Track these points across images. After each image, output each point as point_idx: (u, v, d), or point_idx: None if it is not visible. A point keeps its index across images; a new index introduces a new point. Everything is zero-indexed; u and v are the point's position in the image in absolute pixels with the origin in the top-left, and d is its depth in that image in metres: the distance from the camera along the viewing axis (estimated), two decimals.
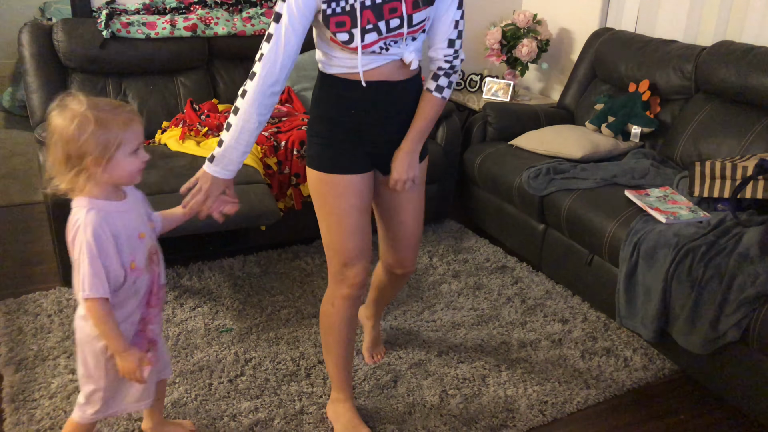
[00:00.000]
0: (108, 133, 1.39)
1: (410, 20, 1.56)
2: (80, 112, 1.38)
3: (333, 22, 1.53)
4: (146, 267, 1.53)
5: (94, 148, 1.39)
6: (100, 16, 2.99)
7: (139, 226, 1.52)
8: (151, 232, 1.57)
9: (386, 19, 1.53)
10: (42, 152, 2.57)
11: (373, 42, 1.55)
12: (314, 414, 2.02)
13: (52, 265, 2.79)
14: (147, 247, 1.54)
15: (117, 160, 1.42)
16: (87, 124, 1.38)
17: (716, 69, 2.82)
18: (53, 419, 1.95)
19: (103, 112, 1.40)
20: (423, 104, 1.71)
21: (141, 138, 1.46)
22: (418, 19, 1.57)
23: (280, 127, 2.93)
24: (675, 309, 2.11)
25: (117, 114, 1.41)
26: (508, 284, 2.82)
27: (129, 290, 1.51)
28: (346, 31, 1.53)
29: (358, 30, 1.53)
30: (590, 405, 2.13)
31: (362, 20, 1.52)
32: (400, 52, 1.61)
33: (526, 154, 3.05)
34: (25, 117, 4.60)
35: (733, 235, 2.15)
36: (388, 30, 1.55)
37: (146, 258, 1.53)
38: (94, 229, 1.41)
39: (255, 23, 3.30)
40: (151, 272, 1.56)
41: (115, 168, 1.43)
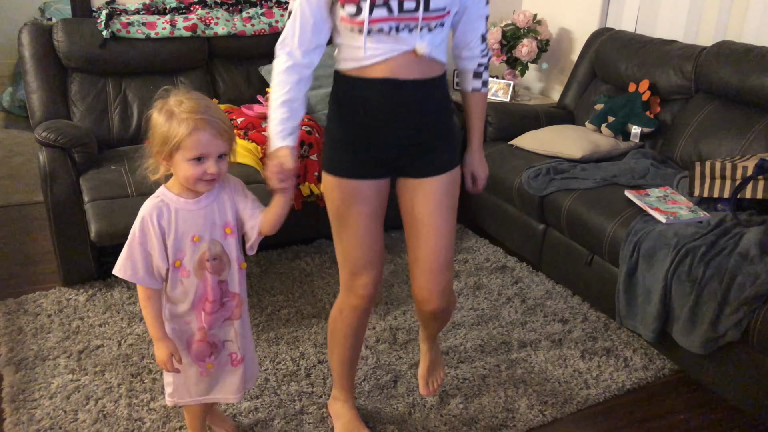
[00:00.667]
0: (169, 131, 1.40)
1: (427, 5, 1.45)
2: (167, 103, 1.43)
3: None
4: (195, 271, 1.52)
5: (157, 140, 1.42)
6: (100, 16, 2.99)
7: (199, 229, 1.51)
8: (215, 240, 1.53)
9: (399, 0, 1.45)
10: (42, 152, 2.57)
11: (382, 19, 1.45)
12: (314, 414, 2.02)
13: (52, 265, 2.79)
14: (200, 251, 1.51)
15: (177, 161, 1.43)
16: (161, 116, 1.42)
17: (716, 69, 2.82)
18: (53, 419, 1.95)
19: (180, 110, 1.41)
20: (476, 102, 1.75)
21: (209, 149, 1.42)
22: (436, 5, 1.47)
23: None
24: (675, 309, 2.11)
25: (188, 116, 1.40)
26: (508, 284, 2.82)
27: (175, 287, 1.53)
28: (355, 4, 1.45)
29: (366, 3, 1.43)
30: (590, 405, 2.13)
31: None
32: (412, 41, 1.50)
33: (526, 154, 3.05)
34: (25, 117, 4.60)
35: (733, 235, 2.15)
36: (400, 10, 1.45)
37: (197, 262, 1.51)
38: (143, 216, 1.47)
39: (255, 23, 3.30)
40: (202, 278, 1.53)
41: (177, 169, 1.45)
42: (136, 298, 2.59)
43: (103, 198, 2.48)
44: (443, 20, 1.51)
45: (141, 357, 2.24)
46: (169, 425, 1.94)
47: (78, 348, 2.28)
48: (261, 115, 3.01)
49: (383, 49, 1.50)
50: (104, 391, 2.07)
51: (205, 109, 1.42)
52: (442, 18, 1.50)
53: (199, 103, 1.43)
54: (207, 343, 1.59)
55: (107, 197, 2.48)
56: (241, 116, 3.00)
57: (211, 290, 1.55)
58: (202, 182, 1.46)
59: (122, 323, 2.43)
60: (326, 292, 2.69)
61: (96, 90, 3.01)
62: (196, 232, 1.50)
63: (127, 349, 2.29)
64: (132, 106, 3.05)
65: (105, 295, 2.60)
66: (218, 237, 1.54)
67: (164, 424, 1.94)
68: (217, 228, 1.53)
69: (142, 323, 2.43)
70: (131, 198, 2.51)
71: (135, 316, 2.48)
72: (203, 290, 1.54)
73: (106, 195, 2.49)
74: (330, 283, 2.76)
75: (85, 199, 2.50)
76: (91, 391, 2.07)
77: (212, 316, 1.57)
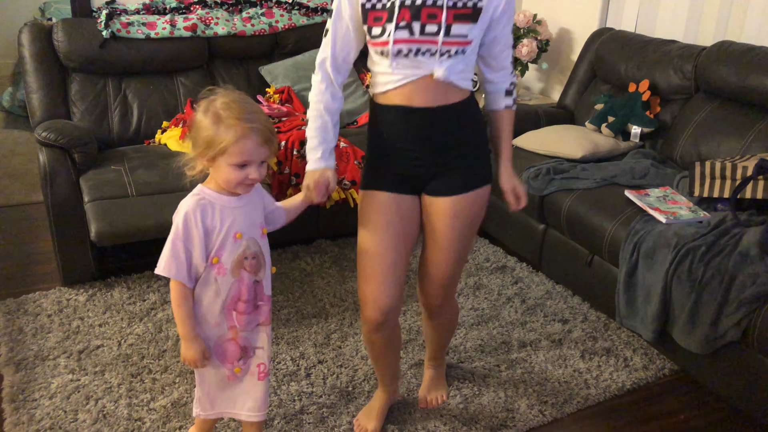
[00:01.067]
0: (215, 136, 1.40)
1: (448, 30, 1.51)
2: (214, 104, 1.43)
3: (371, 17, 1.55)
4: (233, 269, 1.51)
5: (202, 142, 1.42)
6: (100, 16, 3.00)
7: (240, 226, 1.51)
8: (254, 239, 1.54)
9: (422, 22, 1.50)
10: (42, 152, 2.57)
11: (403, 40, 1.51)
12: (314, 414, 2.02)
13: (52, 265, 2.79)
14: (241, 249, 1.51)
15: (219, 164, 1.43)
16: (206, 119, 1.42)
17: (716, 69, 2.82)
18: (53, 419, 1.95)
19: (227, 114, 1.41)
20: (507, 119, 1.79)
21: (253, 157, 1.43)
22: (456, 31, 1.52)
23: (280, 127, 2.93)
24: (675, 309, 2.11)
25: (236, 123, 1.40)
26: (508, 284, 2.82)
27: (208, 285, 1.51)
28: (381, 25, 1.53)
29: (392, 24, 1.51)
30: (590, 405, 2.13)
31: (398, 17, 1.51)
32: (431, 66, 1.54)
33: (526, 154, 3.05)
34: (25, 117, 4.60)
35: (733, 235, 2.15)
36: (421, 33, 1.51)
37: (235, 260, 1.51)
38: (186, 213, 1.46)
39: (255, 23, 3.30)
40: (239, 277, 1.52)
41: (217, 170, 1.45)
42: (136, 298, 2.59)
43: (103, 198, 2.48)
44: (465, 48, 1.54)
45: (141, 357, 2.24)
46: (169, 425, 1.94)
47: (78, 348, 2.28)
48: None
49: (402, 74, 1.56)
50: (104, 391, 2.07)
51: (251, 115, 1.43)
52: (464, 45, 1.54)
53: (245, 107, 1.43)
54: (238, 345, 1.57)
55: (107, 197, 2.49)
56: None
57: (246, 290, 1.54)
58: (242, 186, 1.47)
59: (122, 323, 2.43)
60: (326, 292, 2.69)
61: (96, 90, 3.01)
62: (238, 229, 1.50)
63: (127, 349, 2.29)
64: (132, 106, 3.05)
65: (105, 295, 2.60)
66: (256, 236, 1.55)
67: (164, 424, 1.94)
68: (255, 227, 1.55)
69: (142, 323, 2.43)
70: (131, 198, 2.51)
71: (135, 316, 2.48)
72: (237, 290, 1.53)
73: (106, 195, 2.49)
74: (330, 283, 2.76)
75: (85, 199, 2.50)
76: (91, 391, 2.07)
77: (245, 317, 1.56)
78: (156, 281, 2.71)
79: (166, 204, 2.51)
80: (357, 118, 3.38)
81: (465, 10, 1.52)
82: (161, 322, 2.44)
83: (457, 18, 1.51)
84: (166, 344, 2.31)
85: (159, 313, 2.49)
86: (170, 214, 2.50)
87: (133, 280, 2.72)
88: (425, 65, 1.54)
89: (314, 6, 3.46)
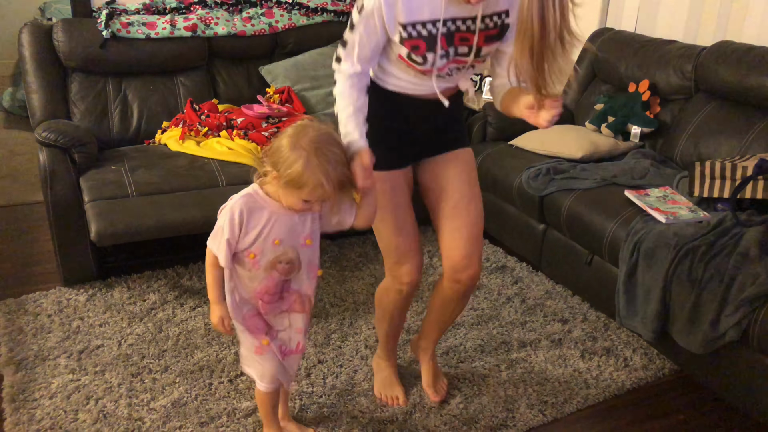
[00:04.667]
0: (297, 175, 1.45)
1: (478, 51, 1.63)
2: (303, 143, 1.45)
3: (408, 45, 1.59)
4: (266, 268, 1.59)
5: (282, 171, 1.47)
6: (100, 16, 3.00)
7: (281, 234, 1.57)
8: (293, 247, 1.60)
9: (456, 45, 1.60)
10: (42, 152, 2.57)
11: (444, 67, 1.63)
12: (314, 414, 2.02)
13: (52, 265, 2.79)
14: (276, 254, 1.58)
15: (288, 188, 1.49)
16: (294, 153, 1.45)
17: (716, 69, 2.82)
18: (53, 419, 1.95)
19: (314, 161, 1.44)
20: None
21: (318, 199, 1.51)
22: (485, 51, 1.65)
23: (280, 128, 2.93)
24: (675, 309, 2.11)
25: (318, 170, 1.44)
26: (508, 284, 2.82)
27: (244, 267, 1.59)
28: (420, 54, 1.59)
29: (433, 54, 1.59)
30: (590, 405, 2.13)
31: (438, 46, 1.58)
32: (457, 79, 1.71)
33: (526, 154, 3.05)
34: (25, 117, 4.60)
35: (733, 235, 2.15)
36: (456, 54, 1.62)
37: (270, 261, 1.58)
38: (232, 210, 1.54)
39: (255, 23, 3.30)
40: (269, 277, 1.61)
41: (285, 192, 1.52)
42: (136, 298, 2.59)
43: (103, 198, 2.48)
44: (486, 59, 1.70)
45: (141, 357, 2.24)
46: (169, 425, 1.94)
47: (78, 348, 2.28)
48: (261, 115, 3.01)
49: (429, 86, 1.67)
50: (104, 391, 2.08)
51: (333, 163, 1.47)
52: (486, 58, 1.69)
53: (330, 151, 1.47)
54: (263, 321, 1.67)
55: (107, 197, 2.49)
56: (241, 116, 3.00)
57: (273, 285, 1.62)
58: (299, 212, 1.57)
59: (122, 323, 2.43)
60: (326, 292, 2.69)
61: (96, 90, 3.01)
62: (279, 236, 1.57)
63: (127, 349, 2.29)
64: (132, 106, 3.05)
65: (105, 295, 2.60)
66: (297, 245, 1.61)
67: (164, 424, 1.94)
68: (299, 237, 1.60)
69: (142, 323, 2.43)
70: (131, 198, 2.51)
71: (135, 316, 2.48)
72: (266, 285, 1.62)
73: (106, 195, 2.49)
74: (330, 283, 2.76)
75: (85, 199, 2.50)
76: (91, 391, 2.07)
77: (269, 306, 1.65)
78: (156, 281, 2.71)
79: (166, 204, 2.51)
80: None
81: (494, 30, 1.61)
82: (161, 322, 2.44)
83: (487, 40, 1.62)
84: (166, 344, 2.31)
85: (159, 313, 2.49)
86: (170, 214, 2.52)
87: (133, 280, 2.72)
88: (453, 80, 1.70)
89: (314, 6, 3.46)
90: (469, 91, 1.76)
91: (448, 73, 1.67)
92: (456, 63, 1.64)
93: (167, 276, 2.75)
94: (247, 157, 2.77)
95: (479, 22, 1.57)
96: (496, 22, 1.59)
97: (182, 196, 2.55)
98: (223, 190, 2.60)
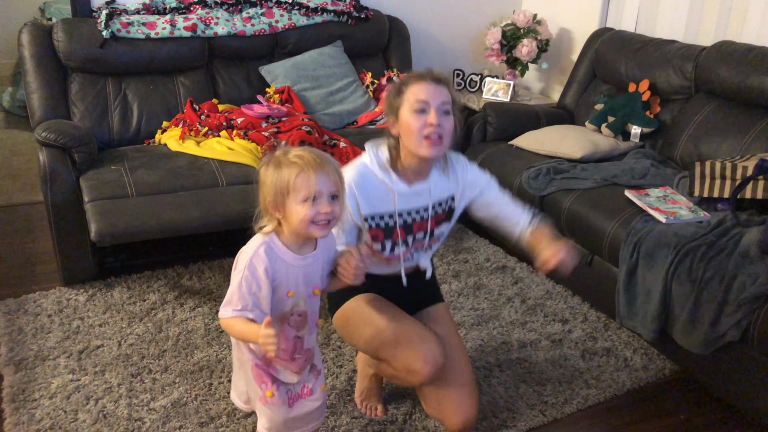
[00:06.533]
0: (278, 179, 1.39)
1: (431, 233, 1.81)
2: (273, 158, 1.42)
3: (370, 234, 1.75)
4: (276, 321, 1.49)
5: (269, 192, 1.41)
6: (100, 16, 2.99)
7: (295, 286, 1.49)
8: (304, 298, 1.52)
9: (414, 233, 1.78)
10: (42, 152, 2.57)
11: (403, 254, 1.80)
12: None
13: (52, 265, 2.79)
14: (288, 306, 1.50)
15: (289, 206, 1.40)
16: (269, 168, 1.41)
17: (716, 69, 2.82)
18: (53, 419, 1.95)
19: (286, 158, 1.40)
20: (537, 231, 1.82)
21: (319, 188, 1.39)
22: (438, 233, 1.83)
23: (280, 127, 2.93)
24: (675, 309, 2.11)
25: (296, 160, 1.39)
26: (509, 284, 2.82)
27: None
28: (380, 242, 1.76)
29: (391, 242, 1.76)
30: (590, 405, 2.13)
31: (394, 235, 1.76)
32: (417, 259, 1.86)
33: (526, 154, 3.05)
34: (25, 117, 4.60)
35: (733, 235, 2.15)
36: (414, 242, 1.79)
37: (280, 314, 1.50)
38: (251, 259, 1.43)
39: (255, 23, 3.30)
40: (281, 330, 1.51)
41: (289, 215, 1.41)
42: (136, 298, 2.59)
43: (103, 198, 2.48)
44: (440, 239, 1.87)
45: (141, 357, 2.24)
46: (168, 425, 1.94)
47: (78, 348, 2.28)
48: (261, 115, 3.01)
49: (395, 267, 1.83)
50: (104, 391, 2.07)
51: (311, 151, 1.42)
52: (440, 239, 1.86)
53: (302, 149, 1.44)
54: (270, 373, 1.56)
55: (107, 197, 2.48)
56: (241, 116, 3.00)
57: (285, 343, 1.52)
58: (316, 226, 1.42)
59: (122, 323, 2.43)
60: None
61: (96, 90, 3.01)
62: (291, 288, 1.49)
63: (127, 349, 2.29)
64: (132, 106, 3.05)
65: (105, 295, 2.60)
66: (306, 295, 1.53)
67: (164, 424, 1.94)
68: (309, 287, 1.53)
69: (142, 323, 2.43)
70: (131, 198, 2.51)
71: (135, 316, 2.48)
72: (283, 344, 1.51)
73: (106, 195, 2.49)
74: None
75: (85, 199, 2.49)
76: (91, 391, 2.07)
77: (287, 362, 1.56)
78: (156, 281, 2.71)
79: (166, 204, 2.51)
80: (357, 118, 3.38)
81: (442, 215, 1.81)
82: (161, 322, 2.44)
83: (438, 222, 1.81)
84: (166, 344, 2.31)
85: (159, 313, 2.49)
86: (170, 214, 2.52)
87: (133, 280, 2.72)
88: (414, 260, 1.86)
89: (314, 6, 3.46)
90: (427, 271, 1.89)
91: (409, 258, 1.83)
92: (416, 247, 1.81)
93: (167, 276, 2.75)
94: (247, 157, 2.77)
95: (431, 210, 1.77)
96: (444, 208, 1.81)
97: (182, 196, 2.54)
98: (223, 190, 2.60)
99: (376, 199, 1.71)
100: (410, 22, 3.79)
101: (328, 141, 2.99)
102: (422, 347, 1.69)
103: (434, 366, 1.69)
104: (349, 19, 3.52)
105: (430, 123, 1.60)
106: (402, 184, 1.72)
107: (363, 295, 1.82)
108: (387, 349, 1.73)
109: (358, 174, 1.71)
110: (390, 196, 1.72)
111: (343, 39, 3.51)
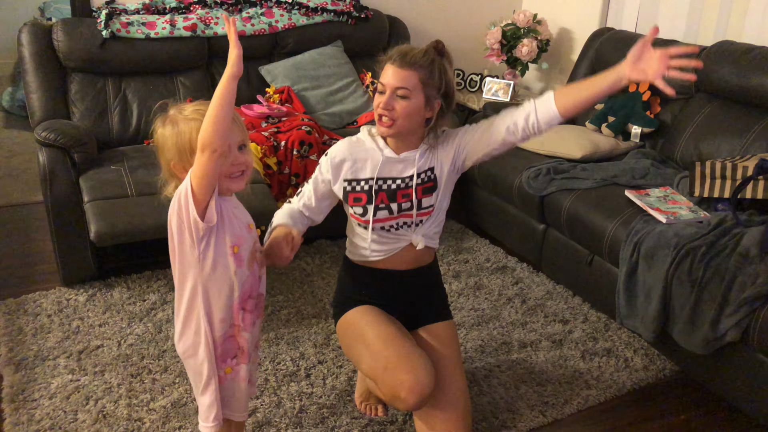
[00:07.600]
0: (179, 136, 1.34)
1: (419, 204, 1.76)
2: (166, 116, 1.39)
3: (351, 198, 1.77)
4: (248, 262, 1.43)
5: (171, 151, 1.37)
6: (100, 16, 2.99)
7: (248, 218, 1.46)
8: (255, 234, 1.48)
9: (398, 202, 1.75)
10: (42, 152, 2.57)
11: (384, 219, 1.76)
12: (314, 414, 2.02)
13: (52, 265, 2.79)
14: (253, 241, 1.46)
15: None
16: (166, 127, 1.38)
17: (716, 69, 2.82)
18: (53, 419, 1.95)
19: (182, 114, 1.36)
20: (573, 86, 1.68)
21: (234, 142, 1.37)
22: (426, 203, 1.77)
23: (279, 127, 2.93)
24: (675, 309, 2.11)
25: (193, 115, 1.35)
26: (509, 284, 2.82)
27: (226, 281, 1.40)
28: (362, 206, 1.76)
29: (372, 206, 1.75)
30: (591, 405, 2.13)
31: (377, 199, 1.75)
32: (409, 236, 1.80)
33: (526, 154, 3.04)
34: (25, 117, 4.59)
35: (733, 235, 2.14)
36: (399, 210, 1.76)
37: (250, 251, 1.43)
38: None
39: (255, 23, 3.30)
40: (252, 271, 1.45)
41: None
42: (136, 298, 2.59)
43: (103, 198, 2.48)
44: (431, 213, 1.80)
45: (141, 357, 2.24)
46: (168, 425, 1.94)
47: (78, 348, 2.27)
48: (261, 115, 3.01)
49: (386, 249, 1.81)
50: (104, 391, 2.07)
51: (203, 105, 1.37)
52: (431, 212, 1.79)
53: (194, 103, 1.40)
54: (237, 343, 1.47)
55: (107, 197, 2.48)
56: (241, 116, 2.99)
57: (255, 287, 1.47)
58: (231, 180, 1.38)
59: (122, 323, 2.43)
60: (326, 292, 2.69)
61: (96, 90, 3.01)
62: (248, 221, 1.45)
63: (127, 349, 2.28)
64: (132, 106, 3.05)
65: (105, 295, 2.60)
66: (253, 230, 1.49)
67: (164, 424, 1.94)
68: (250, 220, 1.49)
69: (142, 323, 2.43)
70: (131, 198, 2.51)
71: (135, 316, 2.48)
72: (250, 285, 1.45)
73: (106, 195, 2.49)
74: (330, 283, 2.76)
75: (84, 199, 2.49)
76: (91, 391, 2.07)
77: (250, 315, 1.47)
78: (156, 281, 2.71)
79: (165, 204, 2.49)
80: (357, 118, 3.37)
81: (427, 184, 1.77)
82: (161, 322, 2.44)
83: (424, 192, 1.76)
84: (166, 344, 2.31)
85: (159, 313, 2.49)
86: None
87: (133, 280, 2.72)
88: (405, 236, 1.80)
89: (314, 6, 3.46)
90: (419, 244, 1.80)
91: (394, 226, 1.78)
92: (403, 218, 1.77)
93: (167, 276, 2.75)
94: None
95: (416, 179, 1.75)
96: (425, 179, 1.77)
97: None
98: None
99: (360, 163, 1.77)
100: (410, 22, 3.79)
101: (328, 141, 2.99)
102: (409, 376, 1.64)
103: (419, 396, 1.63)
104: (349, 18, 3.52)
105: (377, 105, 1.69)
106: (389, 150, 1.77)
107: (362, 307, 1.83)
108: (375, 372, 1.70)
109: (348, 142, 1.80)
110: (376, 162, 1.77)
111: (343, 39, 3.51)
